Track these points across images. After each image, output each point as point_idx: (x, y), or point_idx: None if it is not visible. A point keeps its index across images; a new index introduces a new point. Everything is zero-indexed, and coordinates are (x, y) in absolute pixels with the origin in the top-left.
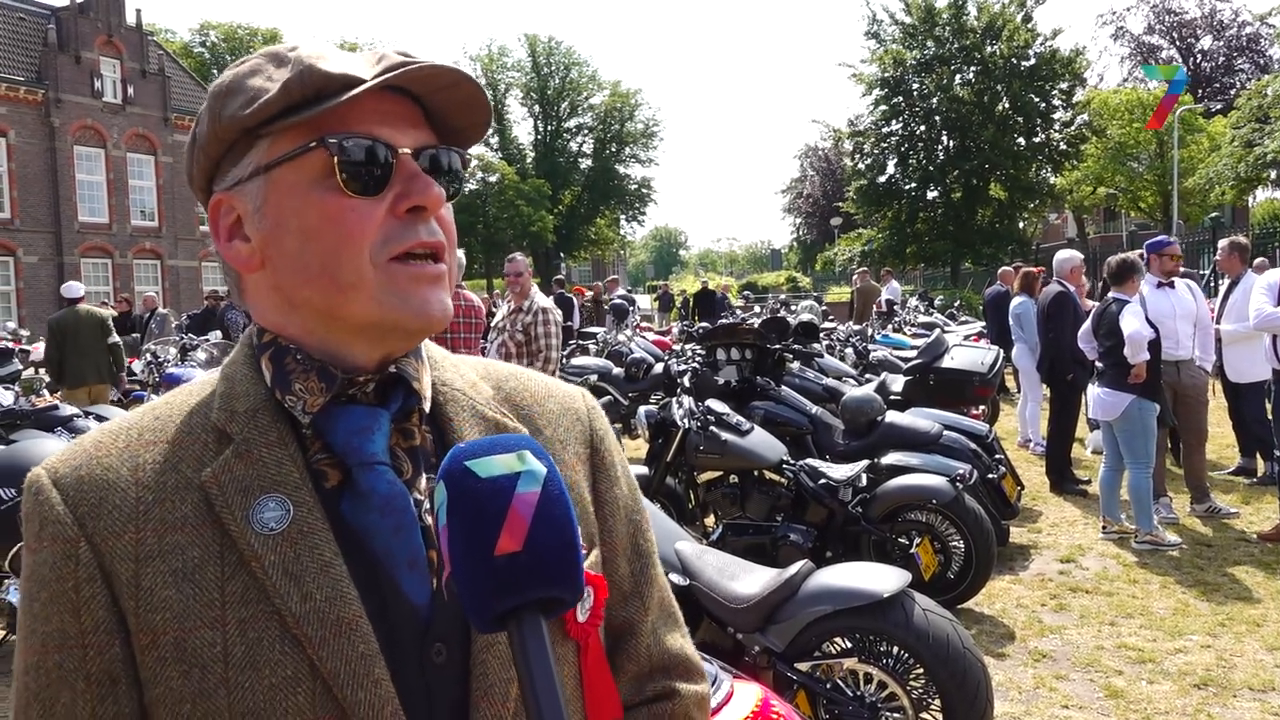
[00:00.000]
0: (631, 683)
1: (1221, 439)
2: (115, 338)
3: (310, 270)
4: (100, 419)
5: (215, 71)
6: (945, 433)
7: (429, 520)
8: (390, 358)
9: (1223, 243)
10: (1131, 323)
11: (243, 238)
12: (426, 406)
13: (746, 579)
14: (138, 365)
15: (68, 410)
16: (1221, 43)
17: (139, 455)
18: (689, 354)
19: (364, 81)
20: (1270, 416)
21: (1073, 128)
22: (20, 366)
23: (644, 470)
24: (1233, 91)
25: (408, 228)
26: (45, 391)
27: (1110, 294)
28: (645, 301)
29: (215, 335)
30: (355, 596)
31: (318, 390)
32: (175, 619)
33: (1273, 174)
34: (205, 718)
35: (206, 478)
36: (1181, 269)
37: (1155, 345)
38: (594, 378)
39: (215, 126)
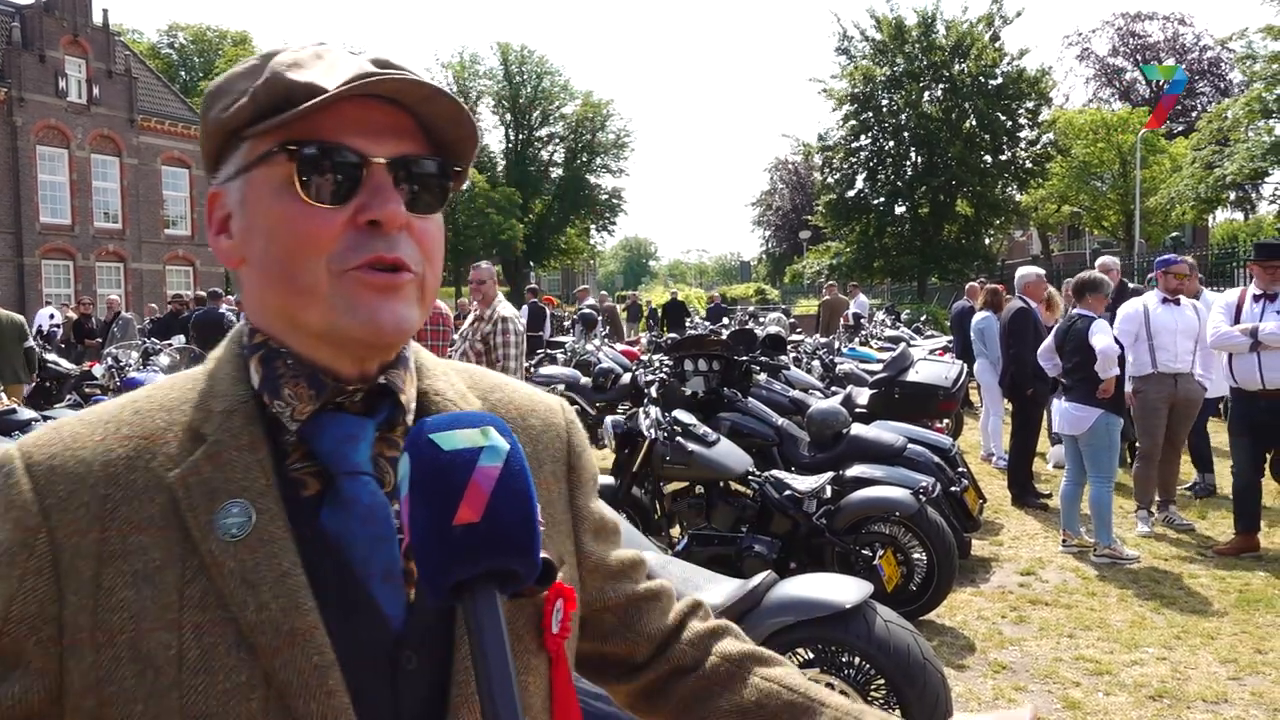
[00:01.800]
0: (675, 620)
1: None
2: (31, 342)
3: (272, 273)
4: None
5: (183, 74)
6: (909, 446)
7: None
8: (369, 368)
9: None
10: (1103, 339)
11: (228, 234)
12: (410, 419)
13: (710, 589)
14: (98, 369)
15: (26, 414)
16: (1184, 66)
17: (113, 450)
18: (656, 364)
19: (326, 91)
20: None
21: (1038, 146)
22: None
23: (610, 480)
24: (1194, 114)
25: (367, 240)
26: (2, 395)
27: (1075, 310)
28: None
29: (179, 340)
30: (312, 607)
31: (307, 397)
32: (132, 619)
33: (1232, 195)
34: (157, 718)
35: (175, 478)
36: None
37: (1120, 360)
38: (561, 387)
39: (206, 125)
